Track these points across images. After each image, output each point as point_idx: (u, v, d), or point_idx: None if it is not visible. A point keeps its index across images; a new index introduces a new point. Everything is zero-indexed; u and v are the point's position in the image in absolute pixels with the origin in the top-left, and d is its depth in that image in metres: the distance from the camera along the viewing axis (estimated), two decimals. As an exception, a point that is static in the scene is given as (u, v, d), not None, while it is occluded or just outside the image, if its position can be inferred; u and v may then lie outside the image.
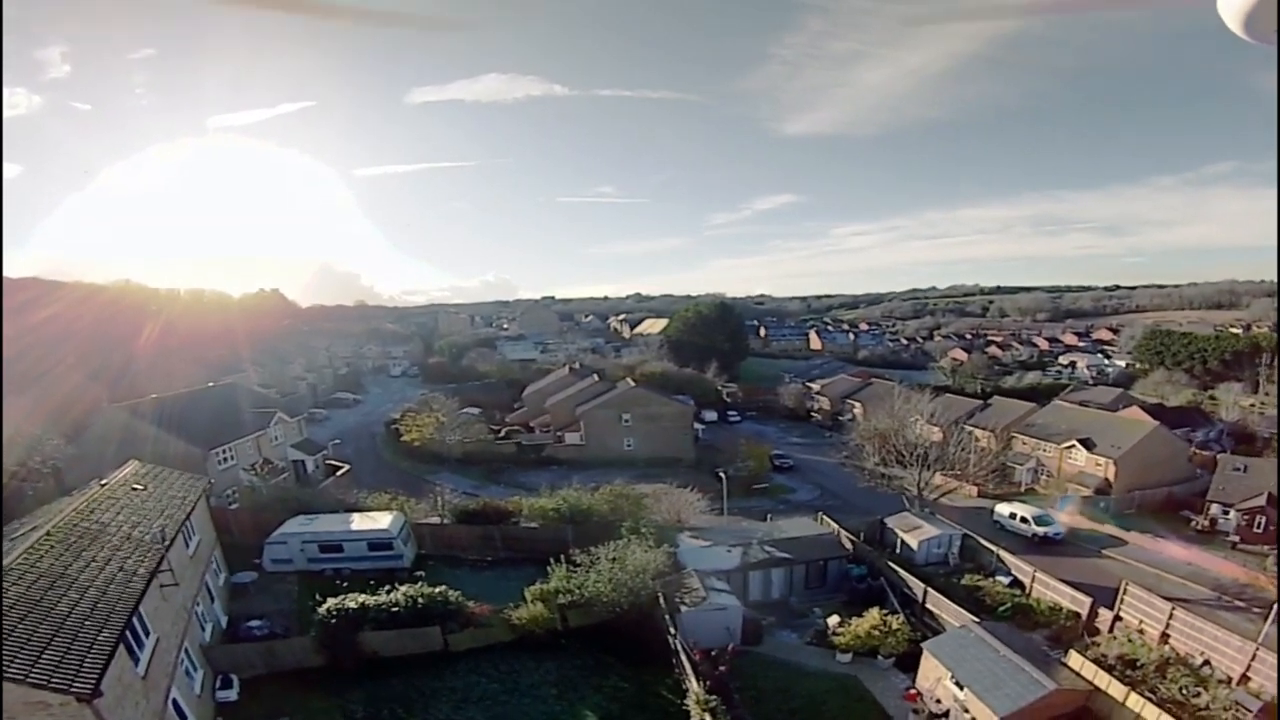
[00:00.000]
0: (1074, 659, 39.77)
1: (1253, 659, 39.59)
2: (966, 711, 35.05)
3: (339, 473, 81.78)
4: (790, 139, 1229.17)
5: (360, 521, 52.82)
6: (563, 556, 45.86)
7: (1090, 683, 37.22)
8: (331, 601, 38.76)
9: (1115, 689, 36.22)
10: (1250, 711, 34.73)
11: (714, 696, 32.39)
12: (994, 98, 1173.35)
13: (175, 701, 28.20)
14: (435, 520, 60.02)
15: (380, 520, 52.72)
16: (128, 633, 25.27)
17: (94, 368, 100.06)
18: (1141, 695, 35.13)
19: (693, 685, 33.97)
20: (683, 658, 37.11)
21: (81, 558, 28.67)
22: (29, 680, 20.10)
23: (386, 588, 41.09)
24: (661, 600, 43.18)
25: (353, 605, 38.72)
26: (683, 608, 42.58)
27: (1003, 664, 36.39)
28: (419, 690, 35.57)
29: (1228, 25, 4.01)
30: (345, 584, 42.99)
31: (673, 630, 40.44)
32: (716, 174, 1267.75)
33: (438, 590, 41.32)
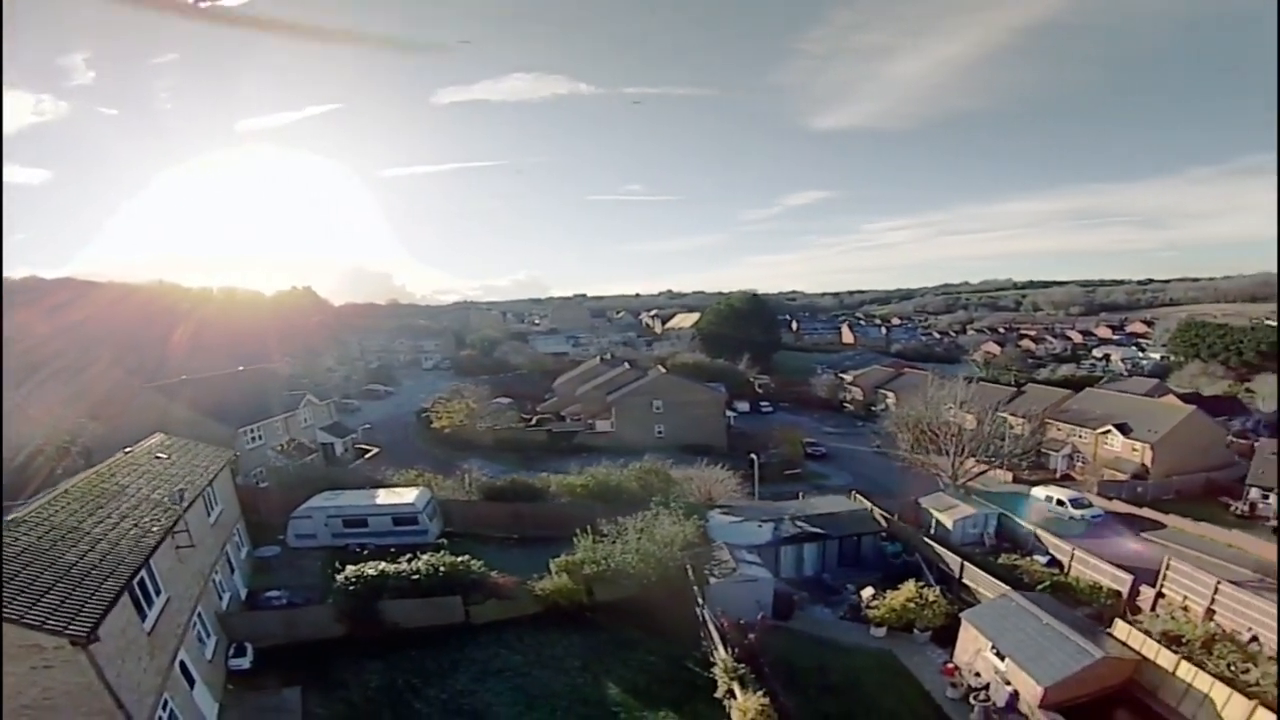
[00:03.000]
0: (1120, 629, 38.54)
1: None
2: (1008, 684, 33.97)
3: (368, 455, 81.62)
4: (820, 134, 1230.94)
5: (385, 496, 52.47)
6: (589, 528, 44.93)
7: (1138, 653, 36.02)
8: (351, 569, 38.26)
9: (1164, 658, 35.05)
10: None
11: (742, 665, 31.43)
12: (1027, 88, 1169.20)
13: (183, 663, 27.62)
14: (463, 498, 59.35)
15: (406, 495, 52.28)
16: (135, 587, 24.79)
17: (130, 363, 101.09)
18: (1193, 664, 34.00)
19: (720, 653, 32.96)
20: (710, 628, 36.17)
21: (96, 515, 28.24)
22: (24, 621, 19.52)
23: (407, 556, 40.50)
24: (690, 572, 42.22)
25: (372, 572, 38.15)
26: (711, 579, 41.66)
27: (1046, 633, 35.23)
28: (438, 662, 34.78)
29: None
30: (369, 557, 42.14)
31: (701, 601, 39.56)
32: (746, 170, 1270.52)
33: (460, 560, 40.70)
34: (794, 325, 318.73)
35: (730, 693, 30.14)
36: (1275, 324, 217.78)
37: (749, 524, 53.05)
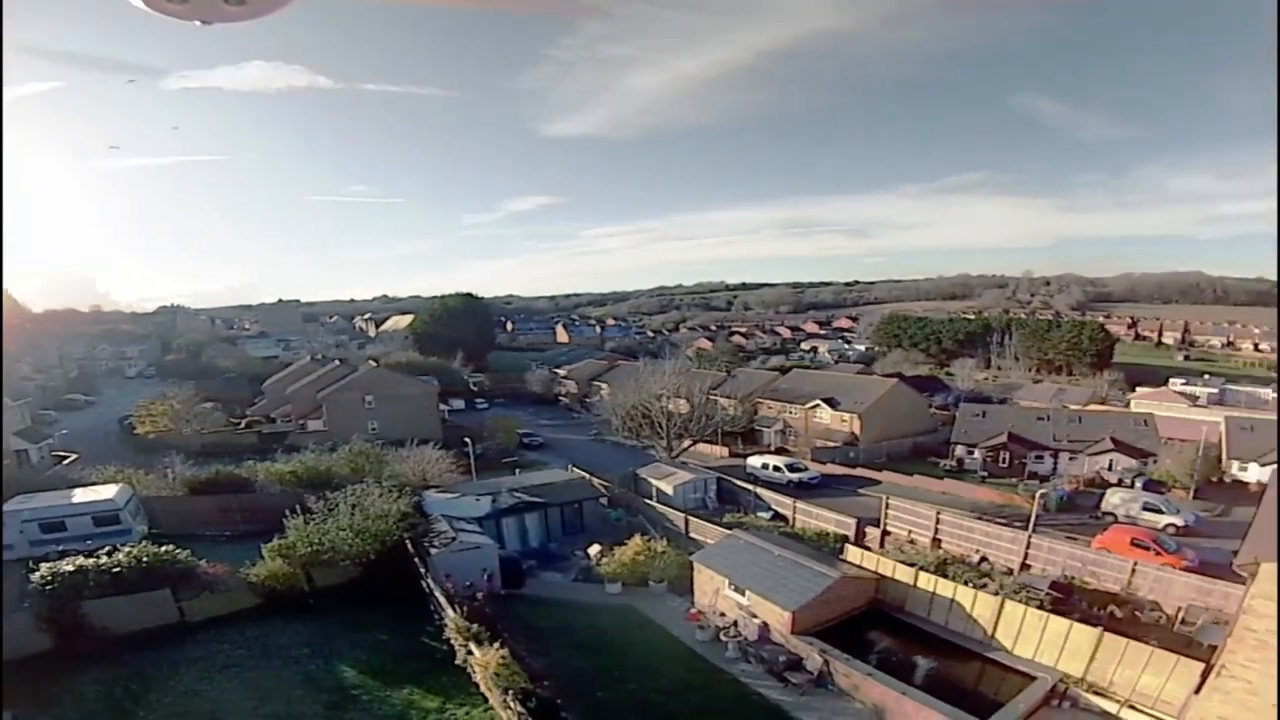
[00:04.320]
0: (852, 553, 41.23)
1: (1028, 547, 43.15)
2: (755, 617, 35.04)
3: (67, 460, 75.81)
4: (551, 140, 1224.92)
5: (84, 495, 48.13)
6: (299, 508, 42.95)
7: (875, 572, 38.51)
8: (46, 566, 34.85)
9: (902, 573, 37.64)
10: (1041, 589, 37.26)
11: (476, 624, 31.73)
12: (755, 106, 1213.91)
13: None
14: (168, 493, 55.81)
15: (105, 492, 48.24)
16: None
17: None
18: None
19: (450, 614, 32.38)
20: (437, 594, 35.68)
21: None
22: None
23: (106, 549, 37.65)
24: (410, 546, 41.60)
25: (69, 569, 34.63)
26: (432, 550, 41.17)
27: (780, 563, 36.84)
28: (157, 663, 32.00)
29: None
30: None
31: (424, 571, 39.18)
32: (473, 175, 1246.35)
33: (164, 549, 38.07)
34: (509, 326, 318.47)
35: (469, 652, 30.27)
36: (970, 317, 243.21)
37: (466, 499, 52.85)
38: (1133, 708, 27.42)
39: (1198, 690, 25.58)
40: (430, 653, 33.03)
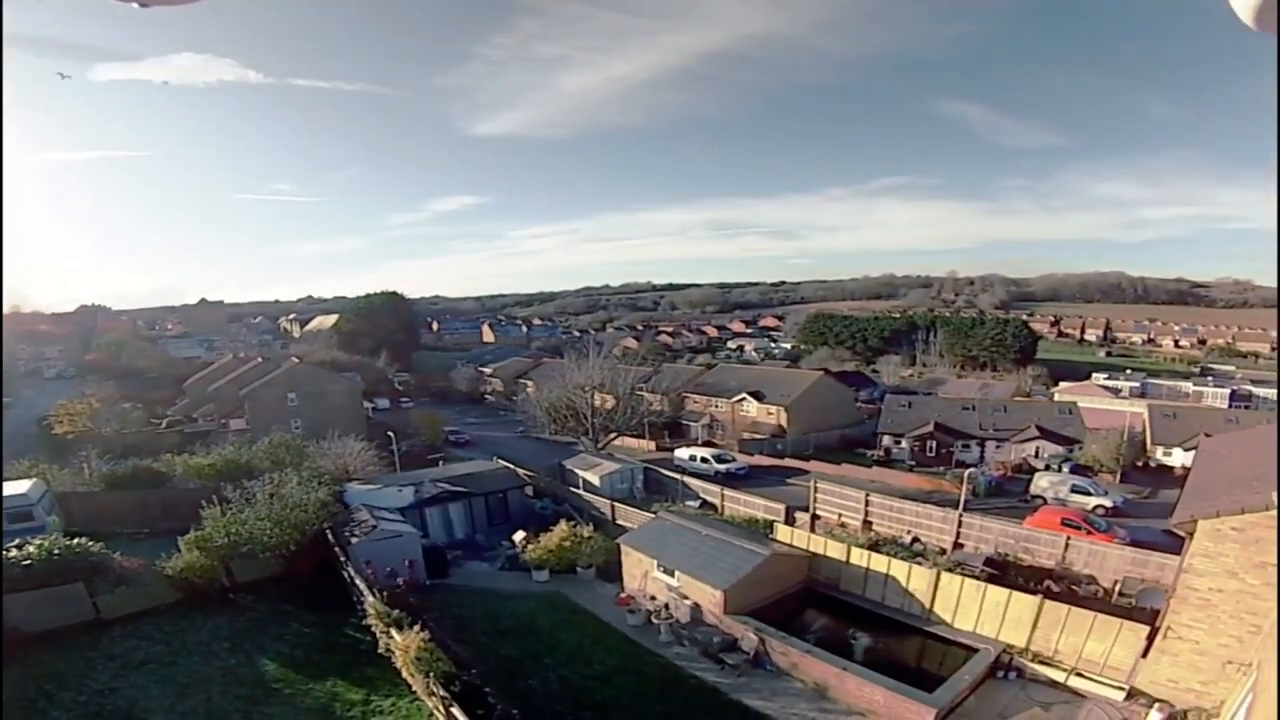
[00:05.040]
0: (782, 532, 40.77)
1: (959, 526, 43.03)
2: (686, 598, 34.44)
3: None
4: (480, 139, 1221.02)
5: None
6: (216, 498, 41.78)
7: (807, 550, 38.11)
8: None
9: (834, 549, 37.17)
10: (975, 566, 36.91)
11: (397, 610, 30.62)
12: (685, 108, 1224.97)
13: None
14: (84, 489, 53.77)
15: (17, 487, 45.95)
16: None
17: None
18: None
19: (370, 599, 31.43)
20: (358, 582, 34.62)
21: None
22: None
23: (16, 543, 35.74)
24: (331, 536, 40.66)
25: None
26: (353, 539, 39.89)
27: (709, 543, 36.34)
28: (71, 663, 30.57)
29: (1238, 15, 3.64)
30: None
31: (344, 559, 38.04)
32: (399, 173, 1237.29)
33: (76, 541, 36.16)
34: (435, 326, 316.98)
35: (391, 638, 29.21)
36: (895, 315, 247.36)
37: (388, 490, 51.60)
38: (1080, 675, 27.08)
39: (1145, 654, 25.44)
40: (354, 644, 32.26)
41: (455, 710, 22.41)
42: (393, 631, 28.25)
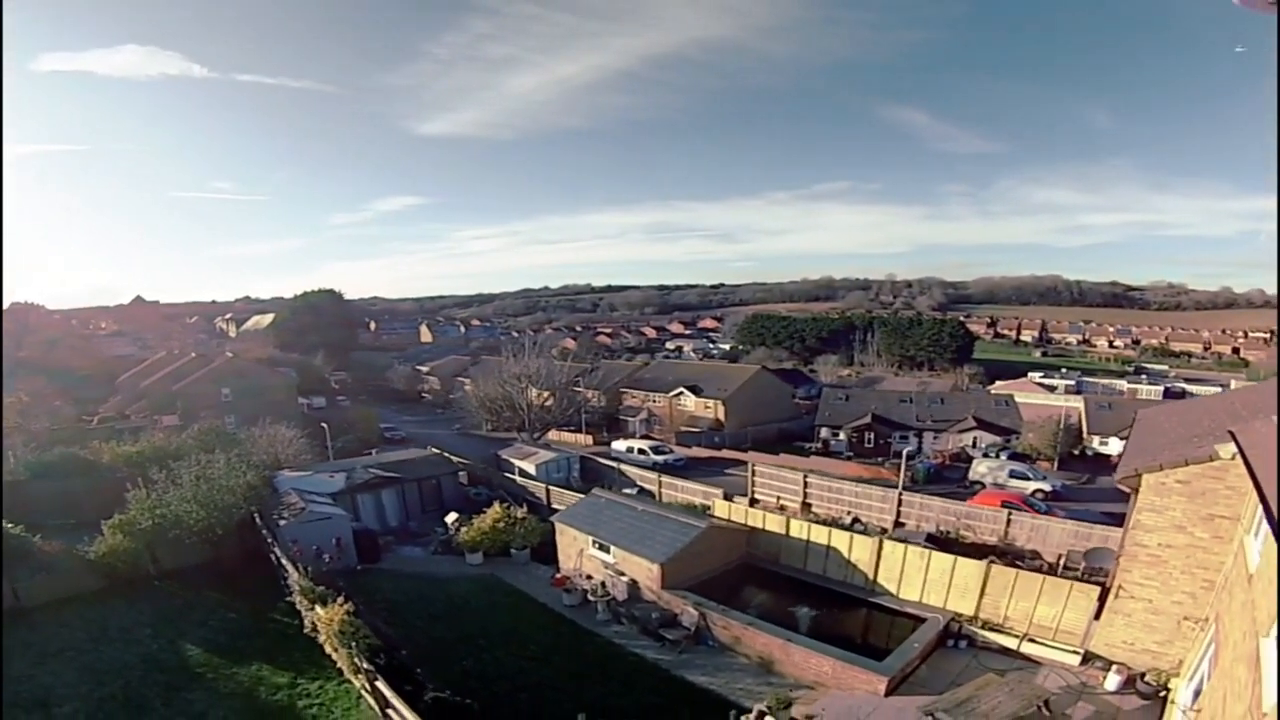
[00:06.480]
0: (720, 507, 40.39)
1: (900, 505, 42.83)
2: (623, 575, 33.75)
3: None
4: (423, 139, 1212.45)
5: None
6: (141, 481, 39.97)
7: (744, 524, 37.69)
8: None
9: (772, 521, 36.78)
10: (918, 542, 36.31)
11: (321, 586, 29.30)
12: (630, 111, 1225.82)
13: None
14: (9, 479, 51.21)
15: (-64, 478, 44.26)
16: None
17: None
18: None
19: (294, 575, 30.40)
20: (284, 562, 33.27)
21: None
22: None
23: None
24: (259, 519, 39.46)
25: None
26: (281, 522, 38.60)
27: (644, 518, 35.77)
28: None
29: None
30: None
31: (271, 540, 36.72)
32: (341, 172, 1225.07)
33: (-9, 525, 34.53)
34: (373, 326, 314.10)
35: (314, 612, 27.90)
36: (834, 316, 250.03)
37: (319, 475, 50.41)
38: (1033, 641, 26.64)
39: (1098, 616, 25.00)
40: (281, 629, 31.60)
41: (380, 684, 21.28)
42: (316, 607, 27.22)
